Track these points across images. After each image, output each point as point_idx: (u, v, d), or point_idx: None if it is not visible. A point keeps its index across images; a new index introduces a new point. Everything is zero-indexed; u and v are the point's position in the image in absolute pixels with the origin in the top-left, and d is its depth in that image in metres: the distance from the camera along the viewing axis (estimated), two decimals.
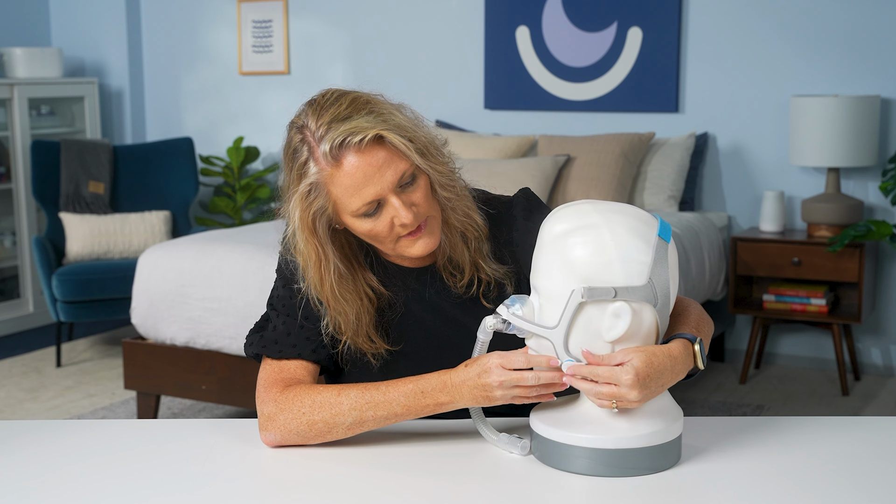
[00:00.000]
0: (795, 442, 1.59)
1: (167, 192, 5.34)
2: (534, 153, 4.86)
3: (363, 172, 1.54)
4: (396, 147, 1.54)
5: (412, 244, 1.61)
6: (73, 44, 6.07)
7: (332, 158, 1.53)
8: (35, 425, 1.77)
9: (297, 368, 1.65)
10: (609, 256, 1.44)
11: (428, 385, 1.53)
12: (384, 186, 1.55)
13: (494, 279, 1.69)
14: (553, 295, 1.46)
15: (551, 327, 1.46)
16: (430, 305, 1.69)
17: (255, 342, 1.68)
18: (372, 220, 1.58)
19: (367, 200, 1.55)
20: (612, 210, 1.48)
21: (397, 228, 1.59)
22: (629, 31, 4.83)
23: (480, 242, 1.69)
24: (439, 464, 1.52)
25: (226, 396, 3.68)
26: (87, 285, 4.66)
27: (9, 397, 4.36)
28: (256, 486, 1.48)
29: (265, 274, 3.50)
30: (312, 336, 1.66)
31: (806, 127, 4.31)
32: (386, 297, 1.67)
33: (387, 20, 5.38)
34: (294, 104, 1.70)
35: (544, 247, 1.49)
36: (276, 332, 1.67)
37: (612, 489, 1.42)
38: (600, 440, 1.45)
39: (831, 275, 4.27)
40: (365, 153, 1.53)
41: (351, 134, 1.52)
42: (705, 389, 4.38)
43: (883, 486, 1.44)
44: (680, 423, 1.50)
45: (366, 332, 1.64)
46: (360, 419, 1.55)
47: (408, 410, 1.54)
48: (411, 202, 1.58)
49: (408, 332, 1.68)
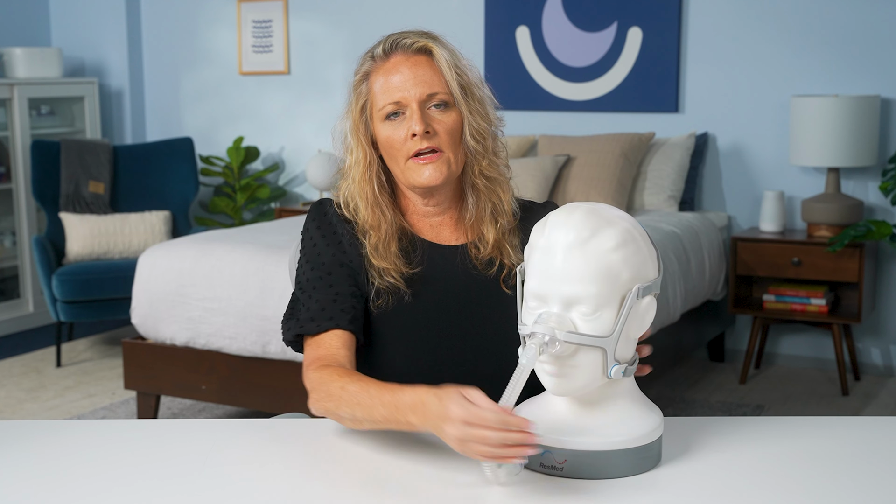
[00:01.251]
0: (795, 442, 1.59)
1: (167, 192, 5.34)
2: (534, 153, 4.86)
3: (401, 73, 1.68)
4: (440, 67, 1.68)
5: (420, 168, 1.68)
6: (73, 44, 6.07)
7: (383, 54, 1.71)
8: (35, 425, 1.77)
9: (332, 341, 1.67)
10: (643, 252, 1.45)
11: (403, 400, 1.46)
12: (413, 94, 1.67)
13: (516, 268, 1.71)
14: (599, 302, 1.41)
15: (607, 335, 1.41)
16: (453, 278, 1.73)
17: (293, 326, 1.72)
18: (392, 125, 1.69)
19: (394, 100, 1.68)
20: (608, 208, 1.48)
21: (409, 143, 1.67)
22: (629, 31, 4.83)
23: (508, 227, 1.75)
24: (430, 465, 1.52)
25: (226, 396, 3.68)
26: (87, 285, 4.66)
27: (9, 397, 4.36)
28: (256, 486, 1.47)
29: (265, 274, 3.50)
30: (346, 308, 1.69)
31: (806, 127, 4.31)
32: (409, 237, 1.74)
33: (387, 20, 5.38)
34: (294, 104, 1.75)
35: (572, 255, 1.41)
36: (311, 310, 1.70)
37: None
38: (580, 442, 1.44)
39: (831, 275, 4.27)
40: (410, 58, 1.69)
41: (405, 38, 1.70)
42: (705, 389, 4.38)
43: (883, 486, 1.43)
44: (656, 430, 1.48)
45: (393, 250, 1.70)
46: (354, 418, 1.56)
47: (386, 420, 1.50)
48: (432, 122, 1.67)
49: (429, 292, 1.71)
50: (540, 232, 1.47)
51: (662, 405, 4.03)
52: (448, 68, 1.68)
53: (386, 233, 1.71)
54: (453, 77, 1.68)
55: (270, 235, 3.90)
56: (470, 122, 1.70)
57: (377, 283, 1.70)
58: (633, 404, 1.50)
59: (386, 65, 1.70)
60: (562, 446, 1.43)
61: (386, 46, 1.71)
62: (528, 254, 1.50)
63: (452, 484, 1.44)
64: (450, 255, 1.75)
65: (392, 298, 1.70)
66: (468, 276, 1.73)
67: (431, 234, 1.77)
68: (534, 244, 1.47)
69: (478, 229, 1.75)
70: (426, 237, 1.76)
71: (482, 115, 1.72)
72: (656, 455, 1.49)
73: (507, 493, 1.41)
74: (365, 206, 1.72)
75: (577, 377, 1.43)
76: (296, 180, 5.80)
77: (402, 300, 1.70)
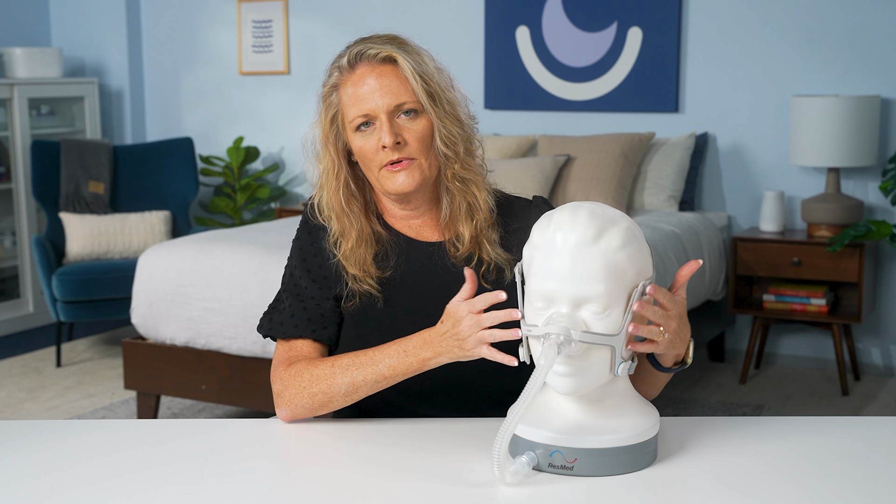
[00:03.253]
0: (795, 442, 1.59)
1: (167, 192, 5.34)
2: (534, 153, 4.86)
3: (368, 85, 1.68)
4: (406, 76, 1.68)
5: (393, 176, 1.70)
6: (73, 44, 6.07)
7: (348, 66, 1.71)
8: (35, 425, 1.77)
9: (303, 347, 1.73)
10: (644, 250, 1.47)
11: (410, 344, 1.59)
12: (380, 105, 1.68)
13: (495, 262, 1.75)
14: (609, 301, 1.42)
15: (615, 334, 1.43)
16: (430, 275, 1.75)
17: (265, 324, 1.78)
18: (363, 136, 1.70)
19: (362, 112, 1.69)
20: (607, 207, 1.49)
21: (381, 154, 1.69)
22: (629, 31, 4.83)
23: (486, 223, 1.76)
24: (429, 458, 1.52)
25: (226, 396, 3.68)
26: (87, 285, 4.66)
27: (9, 397, 4.36)
28: (256, 486, 1.47)
29: (265, 274, 3.50)
30: (314, 318, 1.73)
31: (806, 127, 4.31)
32: (385, 240, 1.75)
33: (387, 20, 5.38)
34: (294, 104, 1.77)
35: (581, 254, 1.41)
36: (284, 314, 1.76)
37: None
38: (590, 440, 1.44)
39: (831, 275, 4.27)
40: (376, 69, 1.70)
41: (370, 48, 1.70)
42: (705, 389, 4.38)
43: (883, 486, 1.43)
44: (657, 424, 1.50)
45: (364, 257, 1.73)
46: (352, 385, 1.63)
47: (394, 371, 1.60)
48: (401, 132, 1.69)
49: (403, 296, 1.73)
50: (543, 231, 1.46)
51: (662, 405, 4.03)
52: (413, 77, 1.68)
53: (356, 240, 1.73)
54: (419, 85, 1.69)
55: (270, 235, 3.90)
56: (439, 129, 1.71)
57: (351, 284, 1.73)
58: (633, 401, 1.52)
59: (352, 76, 1.70)
60: (572, 445, 1.44)
61: (351, 58, 1.71)
62: (529, 253, 1.48)
63: (461, 483, 1.44)
64: (428, 252, 1.77)
65: (363, 300, 1.73)
66: (447, 272, 1.75)
67: (412, 232, 1.79)
68: (536, 244, 1.46)
69: (454, 228, 1.77)
70: (406, 233, 1.79)
71: (452, 120, 1.72)
72: (654, 451, 1.50)
73: (514, 491, 1.41)
74: (333, 215, 1.75)
75: (587, 376, 1.44)
76: (296, 180, 5.80)
77: (374, 305, 1.73)
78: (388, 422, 1.70)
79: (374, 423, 1.69)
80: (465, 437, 1.61)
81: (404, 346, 1.60)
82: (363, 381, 1.62)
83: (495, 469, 1.39)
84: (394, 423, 1.69)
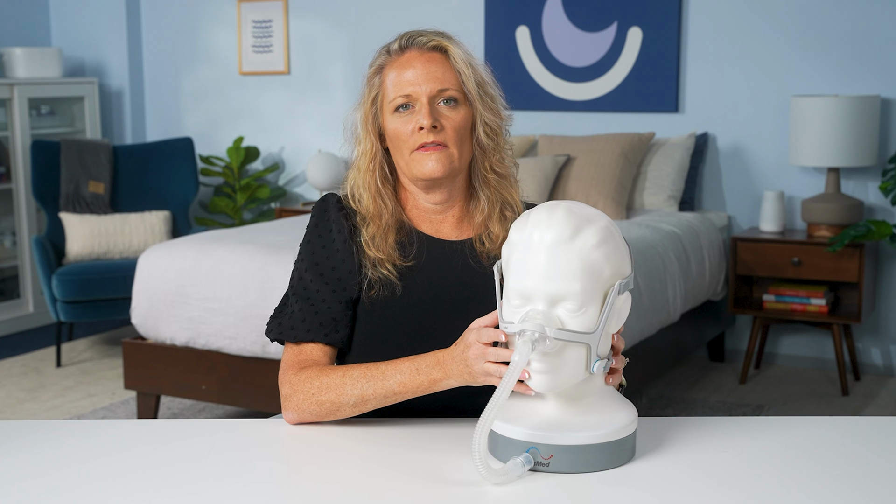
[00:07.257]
0: (795, 442, 1.59)
1: (167, 192, 5.34)
2: (534, 153, 4.86)
3: (414, 69, 1.72)
4: (456, 65, 1.73)
5: (424, 159, 1.71)
6: (73, 44, 6.07)
7: (399, 49, 1.75)
8: (35, 425, 1.77)
9: (313, 350, 1.73)
10: (621, 249, 1.48)
11: (423, 363, 1.59)
12: (424, 89, 1.70)
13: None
14: (584, 299, 1.43)
15: (592, 332, 1.45)
16: (449, 272, 1.74)
17: (274, 328, 1.77)
18: (401, 117, 1.72)
19: (404, 93, 1.71)
20: (585, 206, 1.50)
21: (416, 136, 1.70)
22: (629, 31, 4.83)
23: None
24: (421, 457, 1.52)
25: (226, 396, 3.68)
26: (87, 285, 4.66)
27: (9, 397, 4.36)
28: (256, 486, 1.48)
29: (265, 274, 3.50)
30: (326, 321, 1.72)
31: (806, 127, 4.31)
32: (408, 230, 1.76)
33: (387, 20, 5.38)
34: (294, 104, 1.77)
35: (557, 253, 1.43)
36: (294, 318, 1.74)
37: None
38: (566, 437, 1.45)
39: (831, 275, 4.27)
40: (424, 54, 1.73)
41: (421, 36, 1.75)
42: (705, 389, 4.38)
43: (883, 486, 1.43)
44: (634, 421, 1.51)
45: (391, 241, 1.73)
46: (362, 398, 1.62)
47: (404, 388, 1.60)
48: (440, 117, 1.71)
49: (421, 287, 1.72)
50: (521, 230, 1.48)
51: (662, 405, 4.03)
52: (465, 66, 1.73)
53: (386, 223, 1.74)
54: (470, 74, 1.73)
55: (270, 235, 3.90)
56: (483, 118, 1.74)
57: (371, 273, 1.72)
58: (609, 399, 1.54)
59: (400, 59, 1.74)
60: (548, 441, 1.45)
61: (402, 42, 1.75)
62: (507, 252, 1.51)
63: (446, 482, 1.45)
64: (448, 250, 1.76)
65: (384, 290, 1.72)
66: (467, 270, 1.74)
67: (431, 230, 1.78)
68: (514, 242, 1.49)
69: (485, 224, 1.76)
70: (425, 231, 1.78)
71: (494, 112, 1.76)
72: (632, 448, 1.52)
73: (493, 488, 1.42)
74: (368, 195, 1.75)
75: (562, 374, 1.46)
76: (296, 180, 5.80)
77: (394, 292, 1.72)
78: (387, 422, 1.70)
79: (374, 423, 1.69)
80: (462, 439, 1.61)
81: (417, 364, 1.60)
82: (373, 395, 1.62)
83: (478, 465, 1.39)
84: (393, 424, 1.69)
